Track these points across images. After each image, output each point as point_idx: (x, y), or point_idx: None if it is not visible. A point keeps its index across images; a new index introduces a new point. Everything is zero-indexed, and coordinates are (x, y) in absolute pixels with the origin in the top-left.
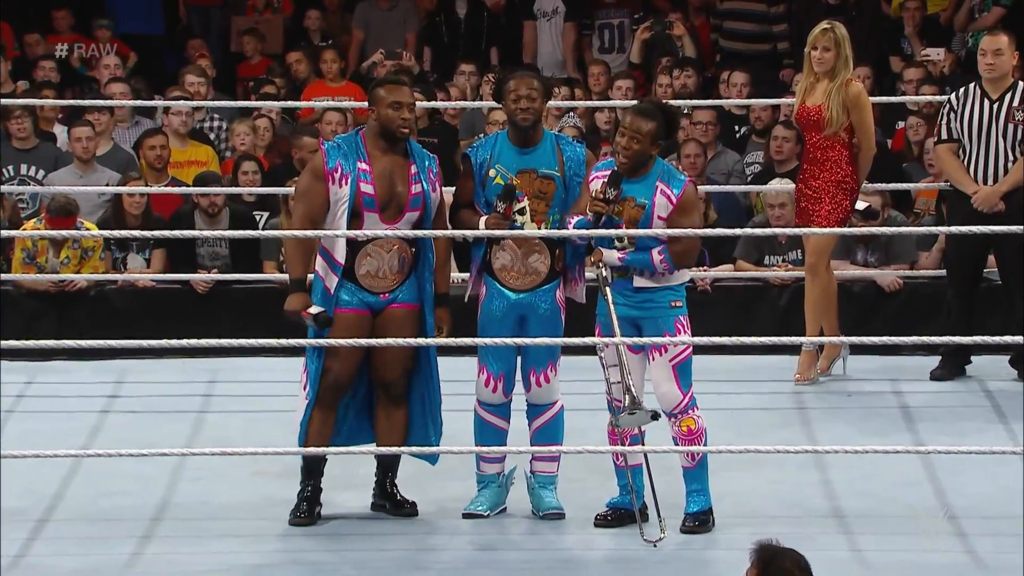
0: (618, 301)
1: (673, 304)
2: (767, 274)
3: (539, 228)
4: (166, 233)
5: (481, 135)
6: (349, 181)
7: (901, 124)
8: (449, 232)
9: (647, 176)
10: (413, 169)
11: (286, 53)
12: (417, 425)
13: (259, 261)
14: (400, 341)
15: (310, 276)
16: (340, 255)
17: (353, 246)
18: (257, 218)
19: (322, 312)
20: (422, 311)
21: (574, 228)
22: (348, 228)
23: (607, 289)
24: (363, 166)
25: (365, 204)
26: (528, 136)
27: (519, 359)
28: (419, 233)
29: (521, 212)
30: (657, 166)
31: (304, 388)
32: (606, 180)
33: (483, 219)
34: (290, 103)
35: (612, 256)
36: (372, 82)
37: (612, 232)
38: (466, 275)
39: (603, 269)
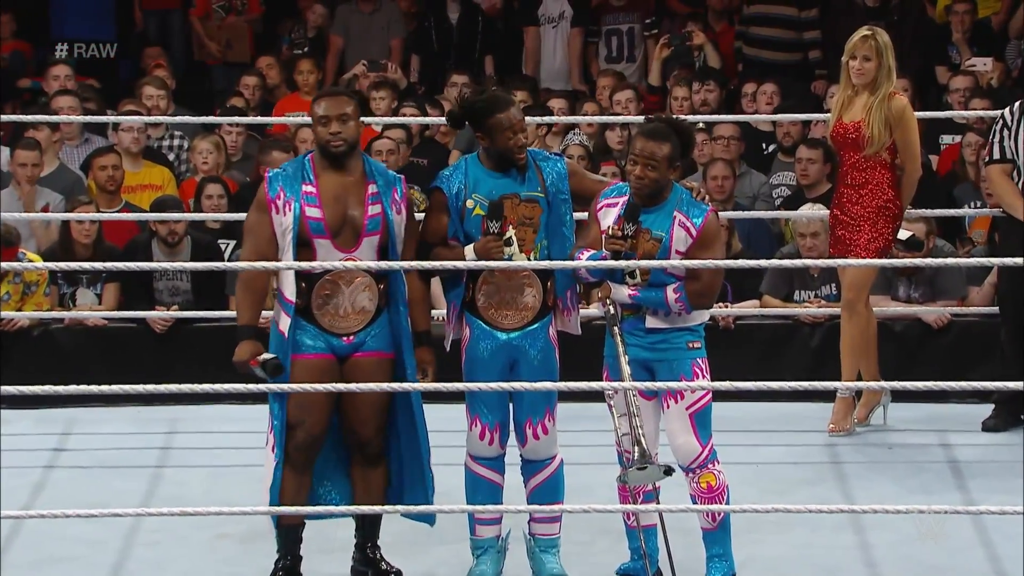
0: (628, 341)
1: (690, 345)
2: (797, 311)
3: (528, 258)
4: (120, 265)
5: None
6: (293, 206)
7: (948, 141)
8: (429, 264)
9: (663, 205)
10: (371, 189)
11: (255, 60)
12: (409, 482)
13: (225, 296)
14: (374, 386)
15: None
16: (290, 291)
17: (307, 280)
18: (223, 247)
19: (272, 359)
20: (398, 359)
21: (587, 262)
22: (298, 259)
23: (616, 328)
24: (308, 188)
25: (313, 230)
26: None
27: (511, 407)
28: (392, 265)
29: (508, 243)
30: (674, 193)
31: (271, 447)
32: (623, 214)
33: (470, 247)
34: (260, 119)
35: (622, 293)
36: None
37: (621, 264)
38: (443, 312)
39: (611, 306)
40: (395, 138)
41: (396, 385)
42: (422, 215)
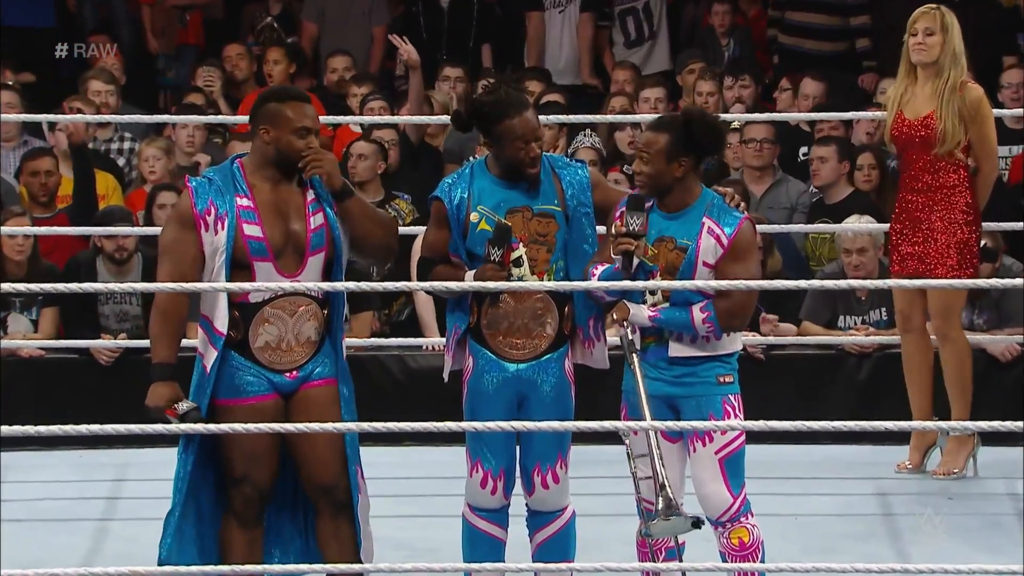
0: (650, 374)
1: (721, 379)
2: (842, 340)
3: (541, 280)
4: (59, 286)
5: (470, 159)
6: (227, 223)
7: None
8: (427, 284)
9: (689, 210)
10: (310, 196)
11: (222, 48)
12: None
13: None
14: (351, 426)
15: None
16: (221, 320)
17: (243, 310)
18: None
19: (193, 409)
20: (340, 387)
21: (600, 280)
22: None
23: (635, 357)
24: (244, 202)
25: (253, 251)
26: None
27: (518, 450)
28: (375, 286)
29: (517, 264)
30: (703, 198)
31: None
32: (624, 205)
33: (469, 274)
34: (220, 118)
35: (641, 314)
36: (267, 94)
37: (639, 285)
38: (441, 340)
39: (629, 330)
40: (387, 139)
41: (381, 425)
42: (409, 227)
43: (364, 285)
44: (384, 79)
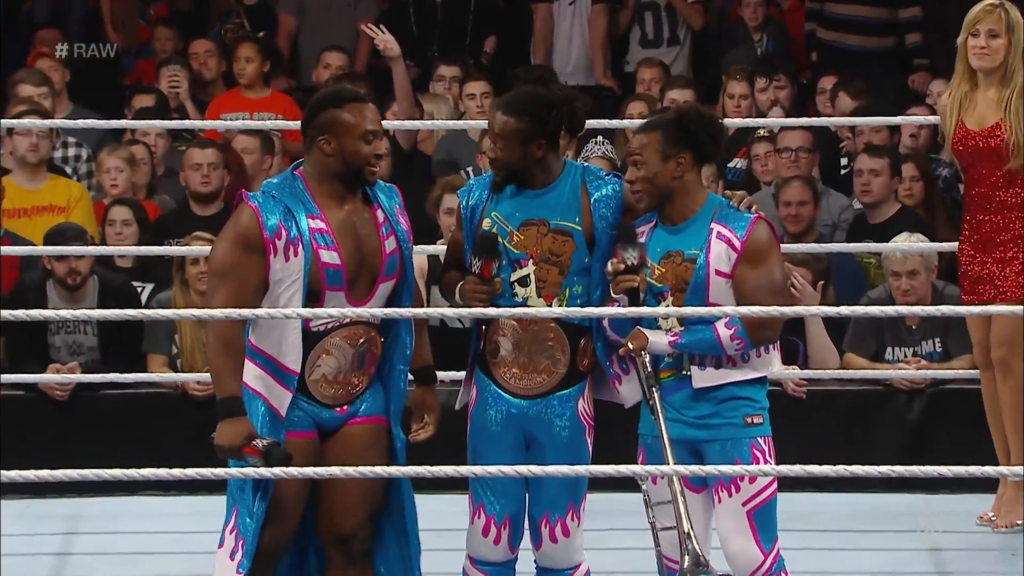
0: (667, 416)
1: (749, 420)
2: (890, 374)
3: (549, 304)
4: (4, 314)
5: (467, 169)
6: (302, 249)
7: None
8: (434, 311)
9: (695, 218)
10: (380, 216)
11: (188, 44)
12: None
13: (141, 355)
14: (372, 470)
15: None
16: (293, 358)
17: (305, 341)
18: (138, 291)
19: (272, 444)
20: (389, 426)
21: (612, 329)
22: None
23: (655, 393)
24: (317, 224)
25: (328, 279)
26: (533, 176)
27: (527, 498)
28: (403, 312)
29: (523, 283)
30: (708, 204)
31: (231, 554)
32: (615, 238)
33: (458, 286)
34: (185, 123)
35: (661, 341)
36: (321, 98)
37: (657, 311)
38: (451, 375)
39: (647, 360)
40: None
41: (368, 470)
42: None
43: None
44: (373, 79)
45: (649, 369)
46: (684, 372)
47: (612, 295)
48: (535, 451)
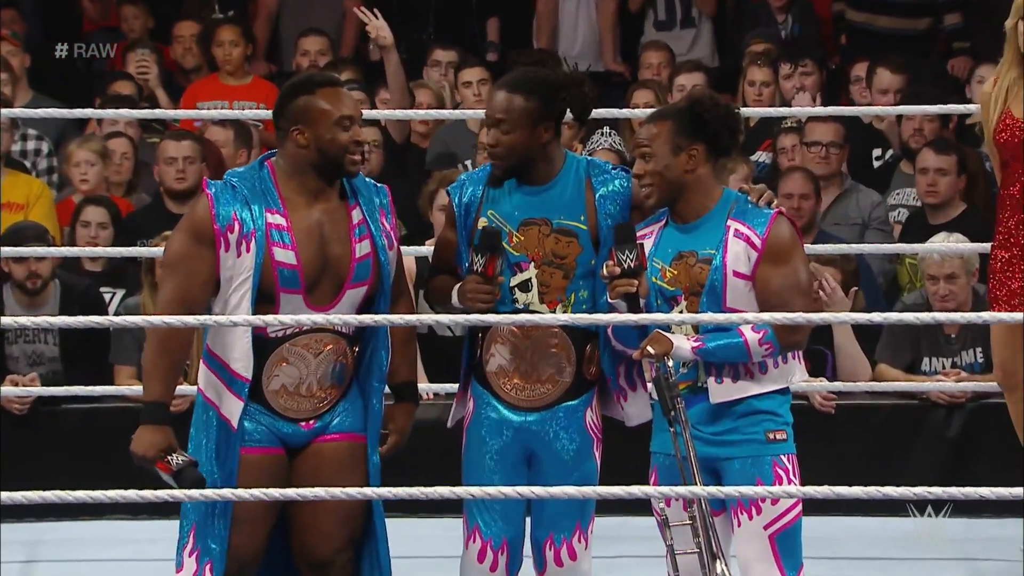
0: (680, 431)
1: (771, 436)
2: (927, 386)
3: (553, 311)
4: None
5: (466, 163)
6: (254, 244)
7: None
8: (413, 317)
9: (709, 215)
10: (356, 216)
11: (173, 25)
12: None
13: (108, 366)
14: (329, 492)
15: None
16: (242, 364)
17: (259, 347)
18: (106, 298)
19: (188, 464)
20: (369, 443)
21: (616, 338)
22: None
23: (679, 403)
24: (276, 219)
25: (282, 282)
26: (535, 168)
27: (528, 519)
28: (364, 318)
29: (524, 288)
30: (724, 199)
31: None
32: (611, 240)
33: (456, 288)
34: (158, 112)
35: (683, 346)
36: (291, 86)
37: (674, 318)
38: (443, 387)
39: (670, 364)
40: (369, 139)
41: (355, 491)
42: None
43: (370, 317)
44: (361, 64)
45: (674, 377)
46: (700, 384)
47: (609, 301)
48: (538, 467)
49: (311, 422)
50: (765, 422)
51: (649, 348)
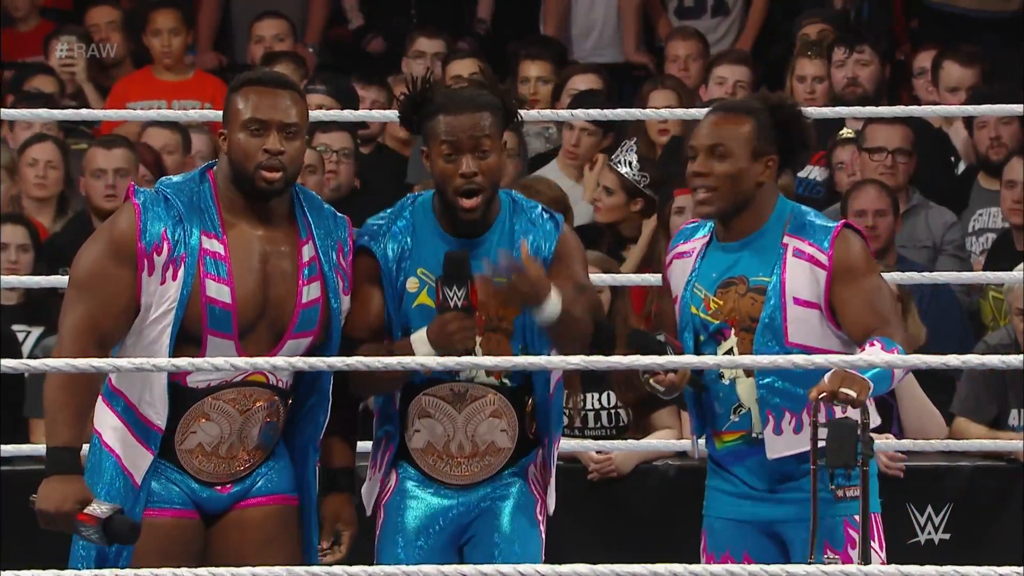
0: (725, 489)
1: (842, 494)
2: (1015, 445)
3: (500, 383)
4: None
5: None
6: (182, 272)
7: None
8: (393, 360)
9: (761, 233)
10: (307, 253)
11: (88, 10)
12: None
13: (22, 420)
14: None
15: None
16: (158, 412)
17: (177, 396)
18: (20, 337)
19: (115, 511)
20: (303, 508)
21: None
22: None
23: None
24: (213, 245)
25: (212, 322)
26: (472, 220)
27: None
28: (315, 362)
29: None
30: (778, 211)
31: None
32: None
33: (420, 333)
34: (83, 112)
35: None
36: (234, 79)
37: (742, 362)
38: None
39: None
40: (336, 146)
41: (283, 570)
42: None
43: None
44: (330, 54)
45: (872, 427)
46: (756, 435)
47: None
48: (480, 548)
49: (228, 486)
50: (835, 476)
51: (846, 391)
